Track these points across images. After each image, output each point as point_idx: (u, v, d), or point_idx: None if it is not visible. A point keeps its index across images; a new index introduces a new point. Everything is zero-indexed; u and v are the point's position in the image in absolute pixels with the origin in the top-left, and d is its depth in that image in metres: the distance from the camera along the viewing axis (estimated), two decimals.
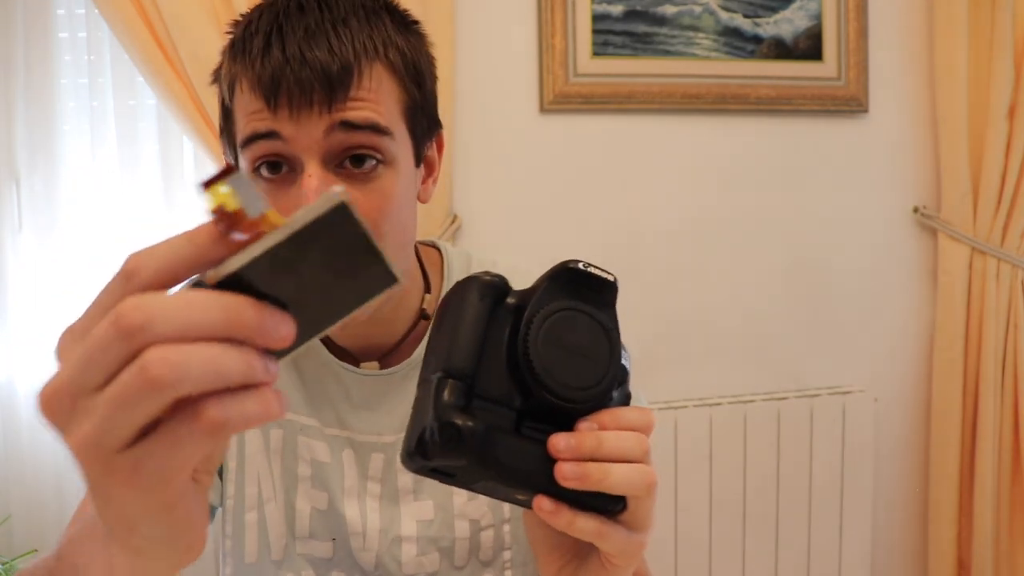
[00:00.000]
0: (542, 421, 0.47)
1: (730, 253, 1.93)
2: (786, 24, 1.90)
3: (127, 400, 0.33)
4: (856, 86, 1.94)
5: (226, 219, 0.34)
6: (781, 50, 1.91)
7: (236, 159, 0.77)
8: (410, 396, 0.84)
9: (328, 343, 0.86)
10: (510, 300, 0.48)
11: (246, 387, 0.34)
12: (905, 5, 1.99)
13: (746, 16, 1.88)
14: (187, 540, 0.40)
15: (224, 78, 0.75)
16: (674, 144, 1.90)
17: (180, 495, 0.38)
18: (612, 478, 0.47)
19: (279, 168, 0.72)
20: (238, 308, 0.34)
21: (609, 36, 1.81)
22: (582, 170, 1.86)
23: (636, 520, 0.50)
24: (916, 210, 2.02)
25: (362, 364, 0.85)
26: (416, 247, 0.88)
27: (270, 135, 0.70)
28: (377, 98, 0.72)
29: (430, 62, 0.80)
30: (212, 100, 1.56)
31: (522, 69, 1.81)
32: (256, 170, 0.73)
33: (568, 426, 0.47)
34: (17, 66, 1.67)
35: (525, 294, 0.48)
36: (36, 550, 1.65)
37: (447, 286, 0.89)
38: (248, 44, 0.72)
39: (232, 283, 0.34)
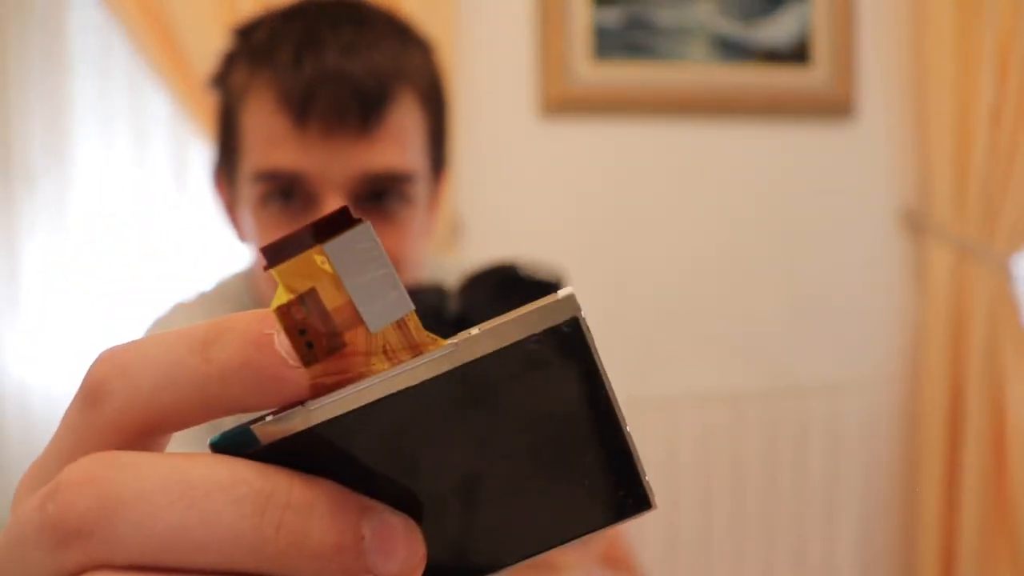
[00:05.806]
0: None
1: (723, 254, 1.97)
2: (776, 31, 1.96)
3: None
4: (845, 91, 2.00)
5: (311, 325, 0.16)
6: (772, 57, 1.96)
7: (234, 176, 0.69)
8: None
9: None
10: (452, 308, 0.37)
11: None
12: (893, 13, 2.05)
13: (737, 23, 1.93)
14: None
15: (234, 86, 0.69)
16: (668, 149, 1.95)
17: None
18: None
19: (289, 197, 0.67)
20: (311, 505, 0.17)
21: (606, 43, 1.85)
22: (580, 175, 1.90)
23: None
24: (904, 212, 2.07)
25: None
26: None
27: (294, 175, 0.65)
28: (405, 132, 0.68)
29: (447, 91, 0.77)
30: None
31: (520, 75, 1.85)
32: (262, 199, 0.67)
33: None
34: (32, 70, 1.70)
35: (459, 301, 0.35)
36: None
37: None
38: (273, 53, 0.66)
39: (305, 449, 0.16)
